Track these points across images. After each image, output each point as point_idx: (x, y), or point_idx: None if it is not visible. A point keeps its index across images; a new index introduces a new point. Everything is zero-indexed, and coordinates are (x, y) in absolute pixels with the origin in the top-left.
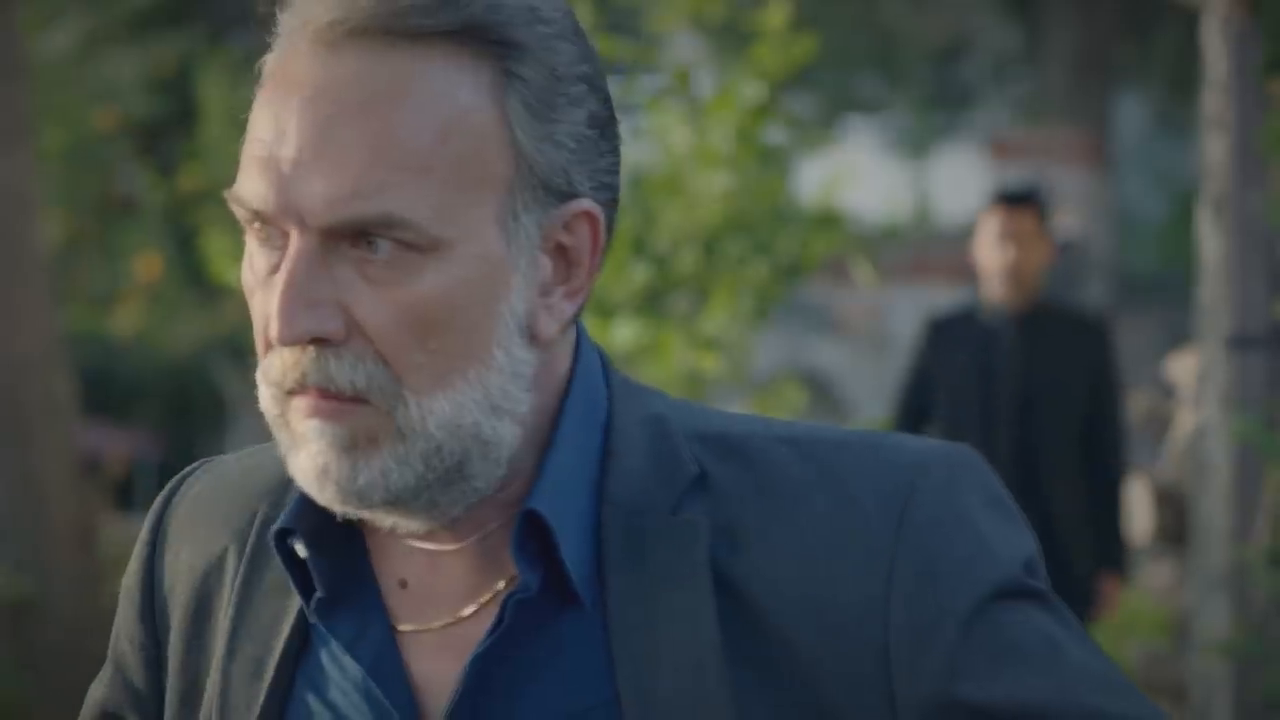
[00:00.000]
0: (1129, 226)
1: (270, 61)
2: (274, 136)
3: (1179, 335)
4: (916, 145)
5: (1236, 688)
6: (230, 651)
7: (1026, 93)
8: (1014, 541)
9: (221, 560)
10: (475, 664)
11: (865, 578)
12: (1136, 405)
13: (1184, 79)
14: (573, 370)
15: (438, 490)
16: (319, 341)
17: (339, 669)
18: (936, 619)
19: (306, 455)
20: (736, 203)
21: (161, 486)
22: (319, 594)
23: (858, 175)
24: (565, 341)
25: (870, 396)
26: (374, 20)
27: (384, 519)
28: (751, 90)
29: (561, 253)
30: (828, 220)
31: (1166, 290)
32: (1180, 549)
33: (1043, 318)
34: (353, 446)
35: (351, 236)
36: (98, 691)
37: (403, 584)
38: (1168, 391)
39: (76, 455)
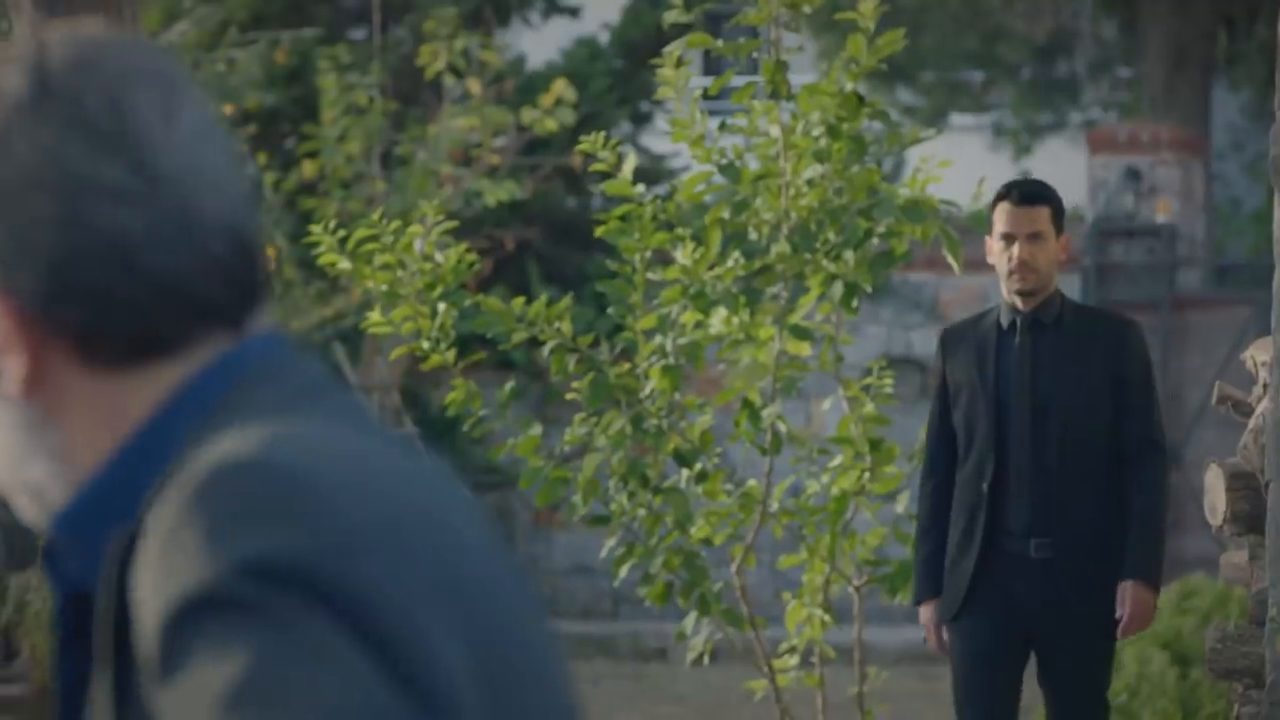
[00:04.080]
0: (1226, 216)
1: None
2: None
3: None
4: (1018, 139)
5: None
6: None
7: (1126, 86)
8: (226, 550)
9: None
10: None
11: (145, 602)
12: (1220, 392)
13: None
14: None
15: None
16: None
17: None
18: (149, 645)
19: None
20: (828, 193)
21: None
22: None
23: (955, 166)
24: (140, 388)
25: None
26: None
27: None
28: (843, 83)
29: None
30: (917, 209)
31: (1263, 278)
32: (1255, 534)
33: (1059, 317)
34: None
35: None
36: None
37: None
38: (1252, 379)
39: None
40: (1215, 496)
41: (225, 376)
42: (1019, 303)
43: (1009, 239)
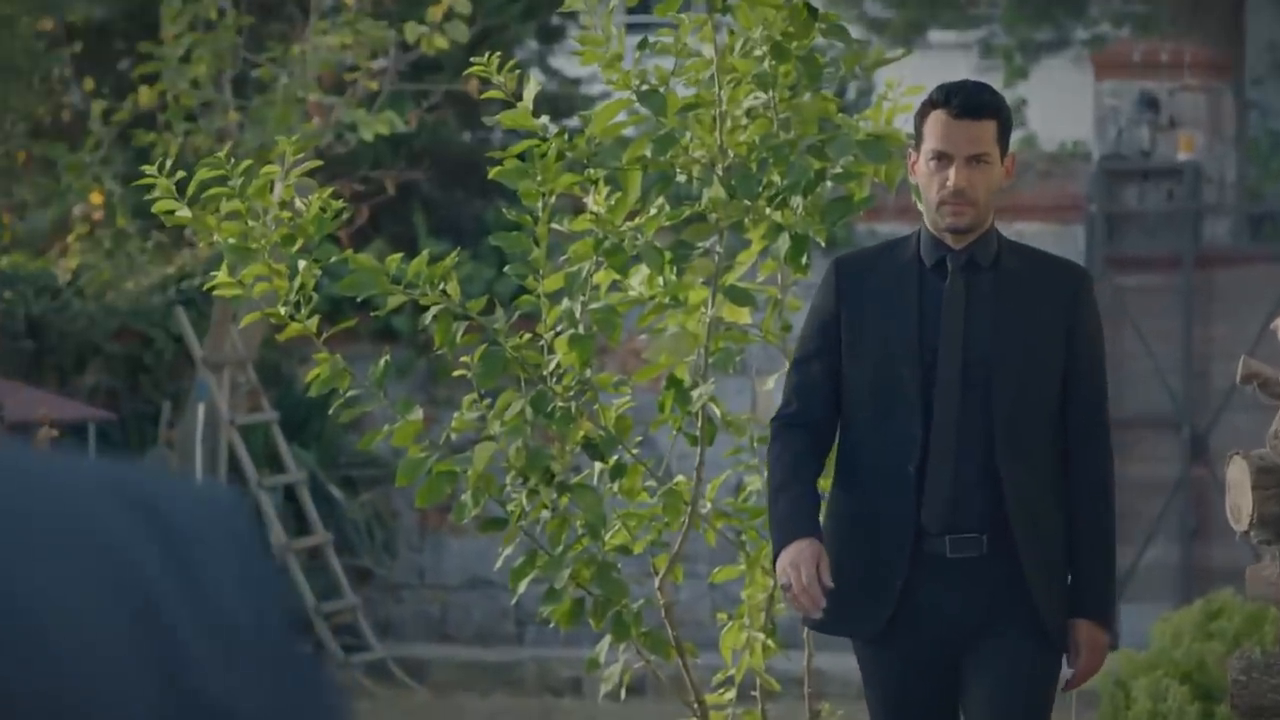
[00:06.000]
0: (1263, 154)
1: None
2: None
3: None
4: (1011, 59)
5: None
6: None
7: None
8: None
9: None
10: None
11: None
12: (1246, 369)
13: None
14: None
15: None
16: None
17: None
18: None
19: None
20: (772, 126)
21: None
22: None
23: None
24: None
25: None
26: None
27: None
28: None
29: None
30: (881, 145)
31: None
32: None
33: (997, 259)
34: None
35: None
36: None
37: None
38: None
39: None
40: (1239, 495)
41: None
42: (949, 239)
43: (943, 159)
